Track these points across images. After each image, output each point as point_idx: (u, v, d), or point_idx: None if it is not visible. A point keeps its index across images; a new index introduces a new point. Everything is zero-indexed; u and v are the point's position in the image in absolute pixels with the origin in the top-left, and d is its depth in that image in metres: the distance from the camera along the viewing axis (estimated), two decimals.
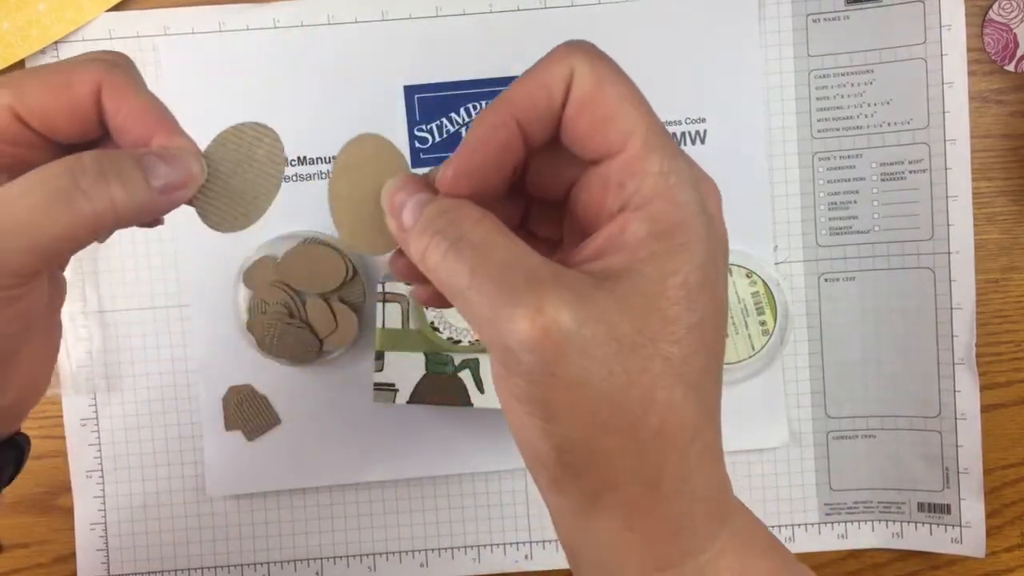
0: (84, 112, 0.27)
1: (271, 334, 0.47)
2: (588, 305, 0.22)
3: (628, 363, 0.22)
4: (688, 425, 0.24)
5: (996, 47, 0.49)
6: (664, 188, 0.24)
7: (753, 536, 0.27)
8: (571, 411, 0.23)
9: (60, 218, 0.25)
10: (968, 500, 0.49)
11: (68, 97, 0.27)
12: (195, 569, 0.49)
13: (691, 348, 0.23)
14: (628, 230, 0.24)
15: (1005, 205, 0.49)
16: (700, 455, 0.24)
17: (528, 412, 0.24)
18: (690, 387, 0.23)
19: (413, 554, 0.50)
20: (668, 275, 0.23)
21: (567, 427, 0.23)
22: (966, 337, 0.49)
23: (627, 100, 0.25)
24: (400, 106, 0.48)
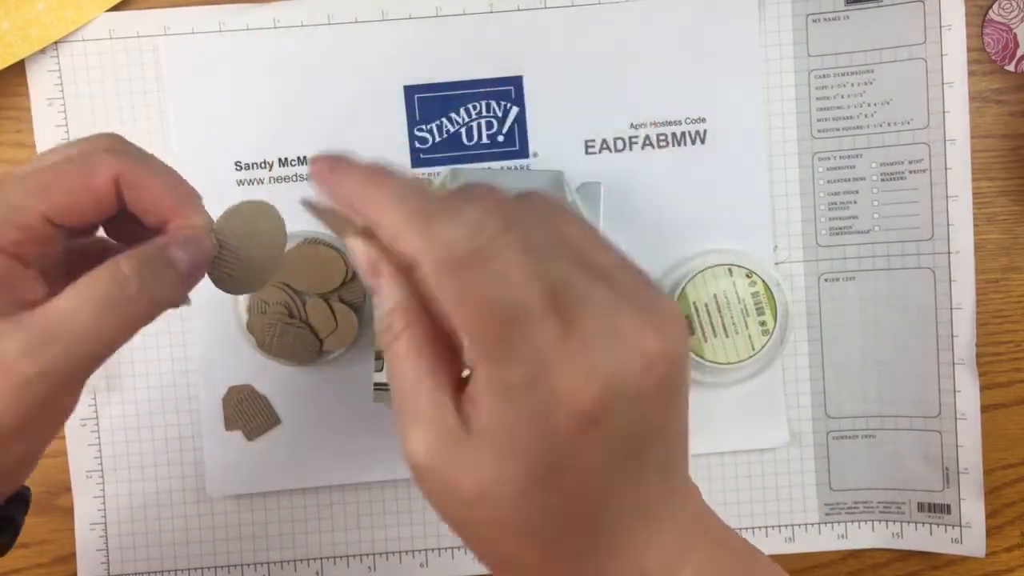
0: (107, 204, 0.29)
1: (271, 334, 0.47)
2: (445, 450, 0.24)
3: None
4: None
5: (996, 47, 0.49)
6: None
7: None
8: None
9: (114, 324, 0.28)
10: (968, 500, 0.49)
11: (92, 193, 0.29)
12: (195, 569, 0.49)
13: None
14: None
15: (1005, 205, 0.49)
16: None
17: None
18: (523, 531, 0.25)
19: (413, 554, 0.50)
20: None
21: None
22: (966, 337, 0.49)
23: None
24: (400, 106, 0.48)
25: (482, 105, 0.48)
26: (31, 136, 0.48)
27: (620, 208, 0.48)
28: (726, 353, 0.48)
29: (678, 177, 0.49)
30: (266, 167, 0.48)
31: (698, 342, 0.48)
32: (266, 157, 0.48)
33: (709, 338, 0.48)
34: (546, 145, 0.49)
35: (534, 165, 0.49)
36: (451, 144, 0.48)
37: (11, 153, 0.48)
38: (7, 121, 0.48)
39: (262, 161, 0.48)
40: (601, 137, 0.49)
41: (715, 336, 0.48)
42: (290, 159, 0.48)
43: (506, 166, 0.49)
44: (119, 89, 0.48)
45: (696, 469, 0.50)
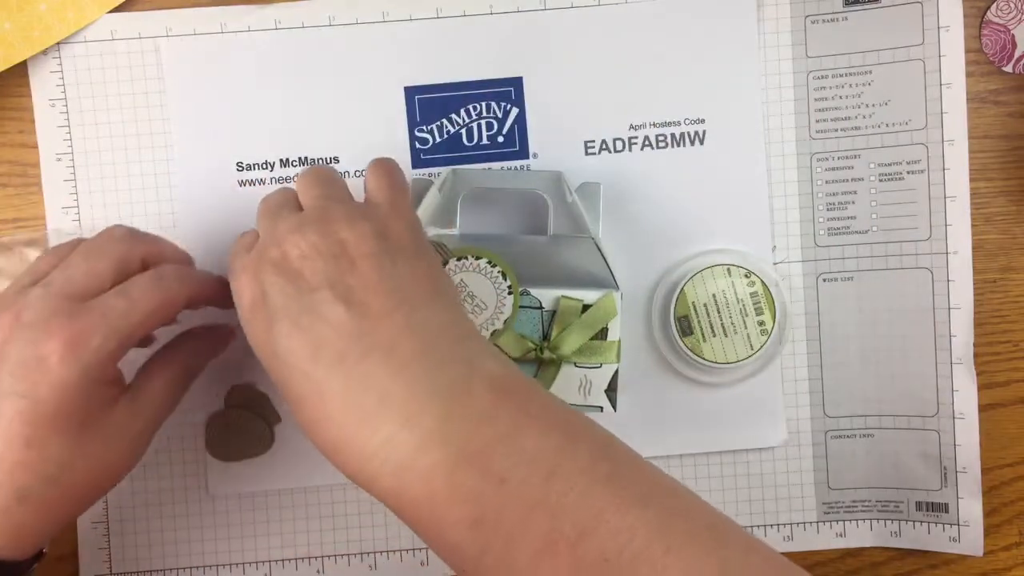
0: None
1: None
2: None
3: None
4: (297, 416, 0.35)
5: (994, 48, 0.49)
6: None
7: (425, 432, 0.33)
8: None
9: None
10: (966, 499, 0.49)
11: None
12: (197, 567, 0.50)
13: (273, 378, 0.36)
14: None
15: (1003, 206, 0.50)
16: (314, 412, 0.34)
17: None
18: (286, 397, 0.35)
19: (414, 552, 0.50)
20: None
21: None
22: (964, 337, 0.49)
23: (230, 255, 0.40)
24: (400, 107, 0.48)
25: (482, 106, 0.48)
26: (33, 137, 0.48)
27: (619, 208, 0.49)
28: (725, 353, 0.48)
29: (677, 178, 0.49)
30: (268, 168, 0.48)
31: (697, 342, 0.48)
32: (267, 158, 0.48)
33: (708, 338, 0.48)
34: (546, 146, 0.49)
35: (534, 165, 0.49)
36: (451, 145, 0.49)
37: (13, 154, 0.49)
38: (9, 122, 0.48)
39: (263, 162, 0.48)
40: (601, 138, 0.49)
41: (714, 336, 0.48)
42: (291, 160, 0.48)
43: (506, 167, 0.49)
44: (121, 90, 0.48)
45: (695, 468, 0.50)
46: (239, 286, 0.36)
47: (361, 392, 0.33)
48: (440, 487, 0.31)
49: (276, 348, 0.34)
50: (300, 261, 0.35)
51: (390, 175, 0.40)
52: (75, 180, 0.48)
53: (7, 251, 0.48)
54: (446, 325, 0.35)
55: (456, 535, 0.32)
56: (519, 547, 0.31)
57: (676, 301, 0.48)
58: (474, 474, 0.31)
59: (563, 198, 0.46)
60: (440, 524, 0.32)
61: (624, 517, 0.31)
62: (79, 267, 0.37)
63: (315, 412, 0.34)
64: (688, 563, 0.30)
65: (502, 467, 0.31)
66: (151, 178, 0.48)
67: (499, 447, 0.32)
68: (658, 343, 0.49)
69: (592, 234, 0.45)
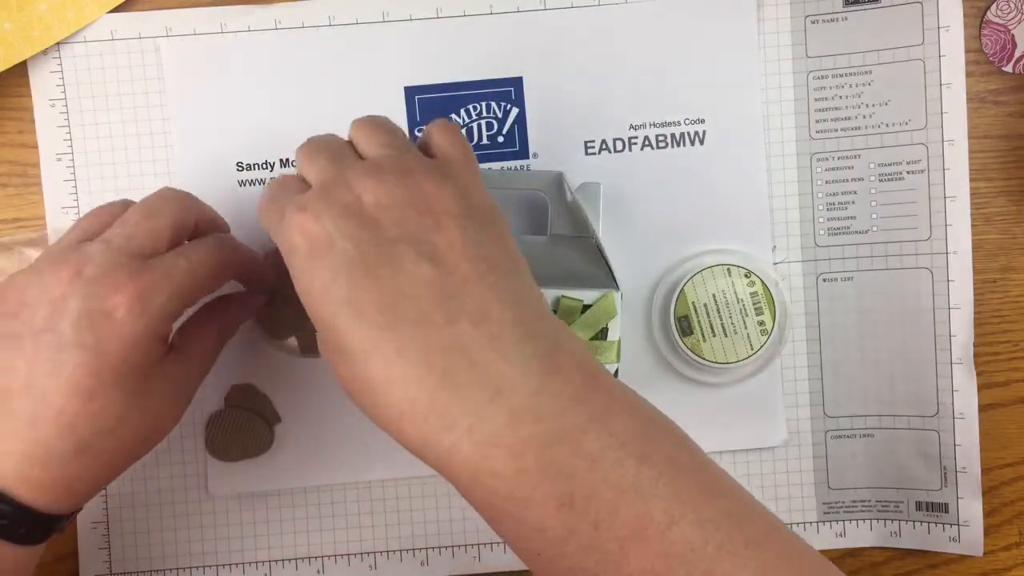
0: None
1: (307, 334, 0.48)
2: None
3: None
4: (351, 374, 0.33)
5: (994, 48, 0.49)
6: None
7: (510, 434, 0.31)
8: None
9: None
10: (966, 499, 0.49)
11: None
12: (197, 567, 0.50)
13: (323, 335, 0.34)
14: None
15: (1003, 205, 0.50)
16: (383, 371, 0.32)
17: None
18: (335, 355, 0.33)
19: (414, 552, 0.50)
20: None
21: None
22: (964, 337, 0.49)
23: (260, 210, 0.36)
24: (401, 107, 0.48)
25: (482, 106, 0.48)
26: (33, 137, 0.48)
27: (619, 208, 0.49)
28: (725, 353, 0.48)
29: (677, 178, 0.49)
30: (268, 168, 0.48)
31: (697, 342, 0.48)
32: (267, 158, 0.48)
33: (708, 338, 0.48)
34: (546, 146, 0.49)
35: (534, 166, 0.49)
36: None
37: (13, 154, 0.49)
38: (9, 122, 0.48)
39: (263, 162, 0.48)
40: (601, 138, 0.49)
41: (714, 336, 0.48)
42: (291, 160, 0.48)
43: (506, 167, 0.49)
44: (121, 90, 0.48)
45: None
46: (292, 228, 0.33)
47: (446, 357, 0.31)
48: (531, 464, 0.30)
49: (340, 297, 0.32)
50: (378, 209, 0.33)
51: (459, 135, 0.38)
52: (75, 180, 0.48)
53: (7, 251, 0.48)
54: (529, 298, 0.34)
55: (541, 515, 0.31)
56: (607, 531, 0.30)
57: (676, 301, 0.48)
58: (567, 453, 0.31)
59: (563, 198, 0.46)
60: (524, 503, 0.31)
61: (708, 508, 0.31)
62: (140, 225, 0.38)
63: (380, 371, 0.31)
64: (764, 560, 0.31)
65: (593, 448, 0.31)
66: (151, 178, 0.48)
67: (591, 427, 0.31)
68: (658, 343, 0.49)
69: (592, 234, 0.45)
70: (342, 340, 0.32)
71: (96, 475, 0.37)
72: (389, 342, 0.31)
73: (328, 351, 0.33)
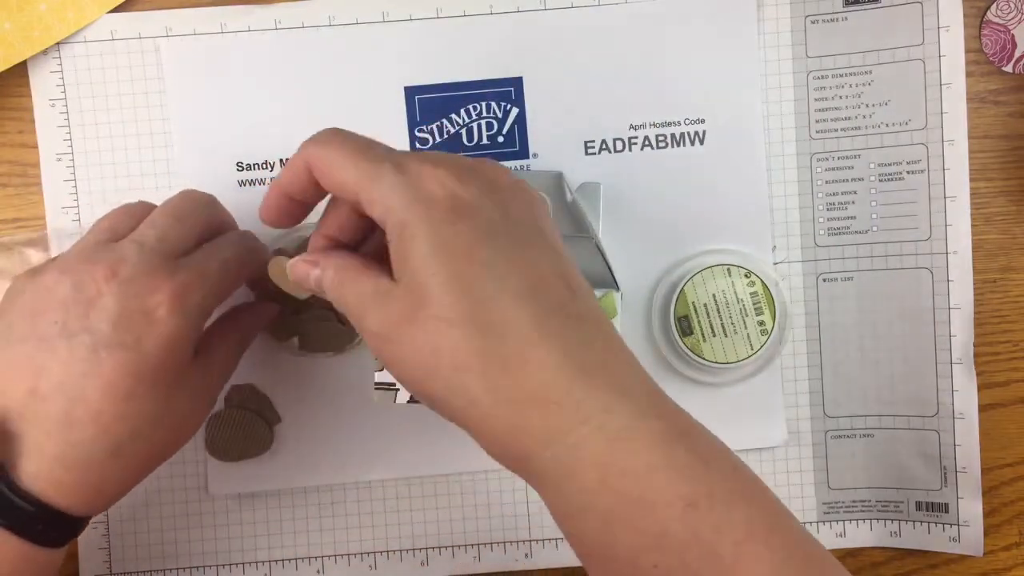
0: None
1: (310, 330, 0.48)
2: (382, 309, 0.32)
3: (413, 333, 0.31)
4: (473, 352, 0.30)
5: (994, 48, 0.49)
6: (386, 204, 0.32)
7: (632, 431, 0.31)
8: (406, 381, 0.32)
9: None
10: (966, 499, 0.49)
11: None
12: (197, 567, 0.50)
13: (449, 299, 0.30)
14: (389, 242, 0.32)
15: (1003, 205, 0.50)
16: (502, 368, 0.30)
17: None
18: (463, 325, 0.30)
19: (414, 552, 0.50)
20: (410, 259, 0.31)
21: (412, 389, 0.33)
22: (964, 337, 0.49)
23: (343, 167, 0.33)
24: (401, 107, 0.48)
25: (482, 106, 0.48)
26: (33, 137, 0.48)
27: (619, 208, 0.49)
28: (725, 353, 0.48)
29: (677, 178, 0.49)
30: (268, 168, 0.48)
31: (697, 342, 0.48)
32: (268, 158, 0.48)
33: (708, 338, 0.48)
34: (546, 146, 0.49)
35: (534, 166, 0.49)
36: (452, 145, 0.49)
37: (13, 154, 0.49)
38: (9, 122, 0.49)
39: (264, 162, 0.48)
40: (601, 138, 0.49)
41: (714, 336, 0.48)
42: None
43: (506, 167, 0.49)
44: (121, 90, 0.48)
45: None
46: (430, 178, 0.32)
47: (581, 349, 0.31)
48: (659, 460, 0.30)
49: (485, 259, 0.31)
50: (508, 190, 0.33)
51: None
52: (75, 180, 0.48)
53: (7, 251, 0.48)
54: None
55: (666, 518, 0.30)
56: (725, 535, 0.30)
57: (676, 301, 0.48)
58: (687, 451, 0.31)
59: (563, 198, 0.46)
60: (651, 506, 0.30)
61: (789, 517, 0.32)
62: (172, 227, 0.38)
63: (515, 347, 0.30)
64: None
65: (704, 450, 0.31)
66: (151, 178, 0.48)
67: (694, 430, 0.32)
68: (658, 343, 0.49)
69: (592, 234, 0.45)
70: (475, 306, 0.30)
71: (126, 478, 0.37)
72: (529, 320, 0.30)
73: (442, 316, 0.30)
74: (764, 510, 0.31)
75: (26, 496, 0.35)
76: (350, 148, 0.33)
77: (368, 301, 0.32)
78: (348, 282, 0.33)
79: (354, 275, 0.33)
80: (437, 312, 0.30)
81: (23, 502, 0.35)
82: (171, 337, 0.36)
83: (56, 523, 0.36)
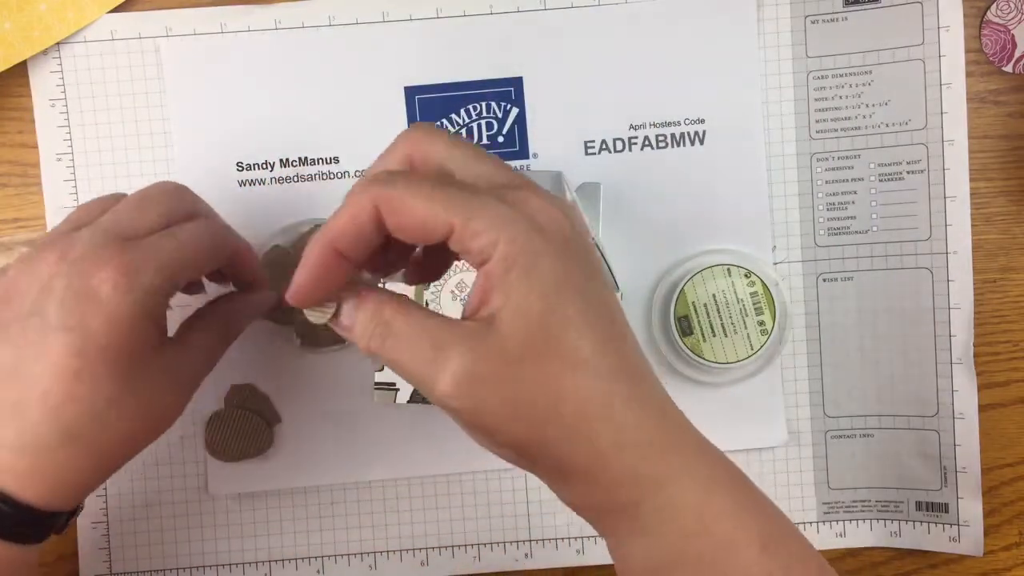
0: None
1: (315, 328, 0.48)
2: (479, 347, 0.29)
3: (527, 374, 0.29)
4: (599, 396, 0.29)
5: (994, 48, 0.49)
6: (496, 235, 0.29)
7: (716, 473, 0.31)
8: (503, 426, 0.29)
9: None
10: (966, 499, 0.49)
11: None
12: (197, 567, 0.50)
13: (574, 338, 0.29)
14: (492, 275, 0.29)
15: (1003, 205, 0.50)
16: (625, 413, 0.30)
17: (476, 437, 0.31)
18: (588, 367, 0.29)
19: (413, 552, 0.50)
20: (528, 294, 0.29)
21: (507, 437, 0.30)
22: (964, 337, 0.49)
23: (429, 203, 0.29)
24: (401, 107, 0.48)
25: (482, 106, 0.48)
26: (33, 137, 0.48)
27: (619, 208, 0.49)
28: (725, 353, 0.48)
29: (677, 178, 0.49)
30: (267, 168, 0.48)
31: (697, 342, 0.48)
32: (268, 158, 0.48)
33: (708, 338, 0.48)
34: (546, 145, 0.49)
35: (534, 165, 0.49)
36: None
37: (13, 154, 0.49)
38: (9, 122, 0.49)
39: (263, 162, 0.48)
40: (601, 138, 0.49)
41: (714, 336, 0.48)
42: (291, 160, 0.48)
43: None
44: (121, 90, 0.48)
45: None
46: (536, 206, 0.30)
47: (659, 390, 0.32)
48: (743, 500, 0.31)
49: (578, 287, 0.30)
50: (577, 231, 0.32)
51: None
52: (75, 180, 0.48)
53: (7, 251, 0.48)
54: None
55: (747, 561, 0.30)
56: (794, 574, 0.31)
57: (676, 301, 0.48)
58: (753, 491, 0.32)
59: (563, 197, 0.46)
60: (736, 547, 0.30)
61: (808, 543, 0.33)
62: (128, 211, 0.37)
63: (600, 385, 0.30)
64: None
65: (756, 492, 0.32)
66: (151, 178, 0.48)
67: (742, 475, 0.33)
68: (658, 343, 0.49)
69: (592, 234, 0.45)
70: (606, 347, 0.29)
71: (89, 466, 0.36)
72: (611, 355, 0.30)
73: (568, 358, 0.29)
74: (804, 544, 0.33)
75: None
76: (429, 183, 0.30)
77: (447, 338, 0.29)
78: (412, 316, 0.30)
79: (416, 310, 0.31)
80: (562, 352, 0.29)
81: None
82: (117, 315, 0.34)
83: (23, 518, 0.35)
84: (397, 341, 0.30)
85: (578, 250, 0.31)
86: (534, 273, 0.29)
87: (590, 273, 0.31)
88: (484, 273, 0.29)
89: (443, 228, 0.29)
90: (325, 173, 0.48)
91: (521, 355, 0.29)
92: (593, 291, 0.30)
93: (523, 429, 0.29)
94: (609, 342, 0.30)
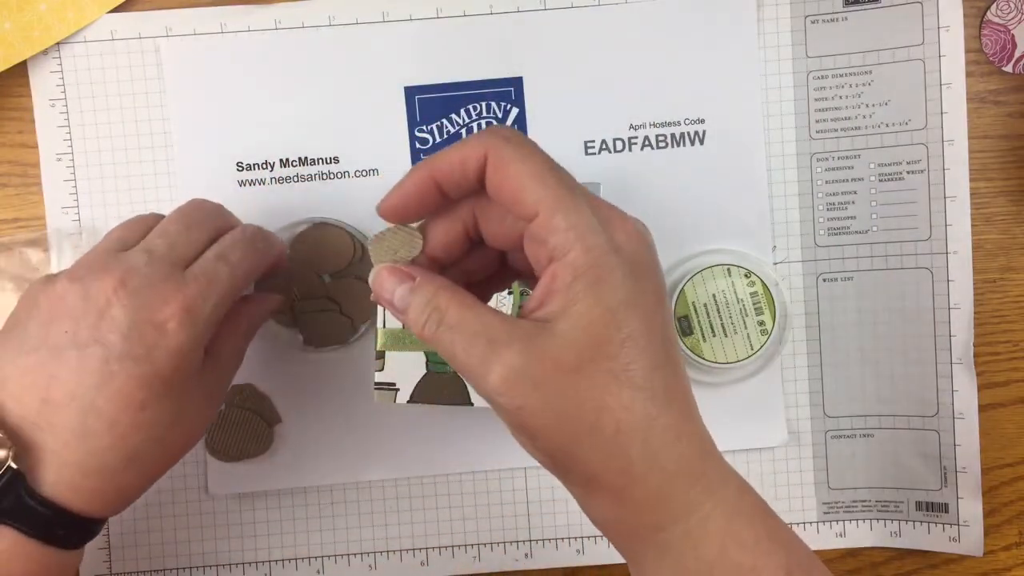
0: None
1: (313, 323, 0.48)
2: (533, 349, 0.29)
3: (576, 384, 0.29)
4: (641, 418, 0.29)
5: (994, 48, 0.49)
6: (574, 239, 0.29)
7: (741, 503, 0.32)
8: (544, 430, 0.30)
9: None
10: (966, 499, 0.49)
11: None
12: (197, 567, 0.50)
13: (629, 358, 0.29)
14: (557, 278, 0.30)
15: (1003, 205, 0.50)
16: (662, 438, 0.30)
17: (517, 436, 0.31)
18: (636, 388, 0.29)
19: (413, 552, 0.50)
20: (592, 307, 0.29)
21: (546, 441, 0.30)
22: (964, 337, 0.49)
23: (532, 176, 0.30)
24: (401, 107, 0.48)
25: (482, 106, 0.48)
26: (33, 137, 0.48)
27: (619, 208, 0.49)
28: (725, 353, 0.48)
29: (677, 178, 0.49)
30: (267, 168, 0.48)
31: (697, 342, 0.48)
32: (267, 158, 0.48)
33: (708, 338, 0.48)
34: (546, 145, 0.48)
35: None
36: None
37: (13, 154, 0.49)
38: (9, 122, 0.49)
39: (263, 162, 0.48)
40: (600, 138, 0.49)
41: (714, 336, 0.48)
42: (291, 160, 0.48)
43: None
44: (121, 90, 0.48)
45: None
46: (608, 221, 0.31)
47: (700, 420, 0.32)
48: (763, 532, 0.31)
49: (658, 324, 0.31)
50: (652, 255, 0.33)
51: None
52: (75, 180, 0.48)
53: (7, 251, 0.48)
54: None
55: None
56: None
57: (676, 301, 0.48)
58: (777, 521, 0.32)
59: None
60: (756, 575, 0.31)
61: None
62: (181, 236, 0.38)
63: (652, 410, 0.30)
64: None
65: (781, 523, 0.32)
66: (151, 178, 0.48)
67: (765, 503, 0.33)
68: None
69: None
70: (655, 371, 0.30)
71: (144, 483, 0.38)
72: (660, 381, 0.30)
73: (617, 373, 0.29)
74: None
75: (46, 503, 0.35)
76: (541, 160, 0.31)
77: (502, 335, 0.30)
78: (468, 308, 0.31)
79: (472, 302, 0.31)
80: (614, 370, 0.29)
81: (43, 508, 0.35)
82: (182, 349, 0.36)
83: (75, 526, 0.36)
84: (450, 330, 0.30)
85: (649, 273, 0.31)
86: (602, 287, 0.29)
87: (657, 298, 0.31)
88: (550, 274, 0.30)
89: (531, 208, 0.30)
90: (325, 173, 0.48)
91: (574, 365, 0.29)
92: (656, 316, 0.31)
93: (562, 437, 0.30)
94: (660, 368, 0.30)
